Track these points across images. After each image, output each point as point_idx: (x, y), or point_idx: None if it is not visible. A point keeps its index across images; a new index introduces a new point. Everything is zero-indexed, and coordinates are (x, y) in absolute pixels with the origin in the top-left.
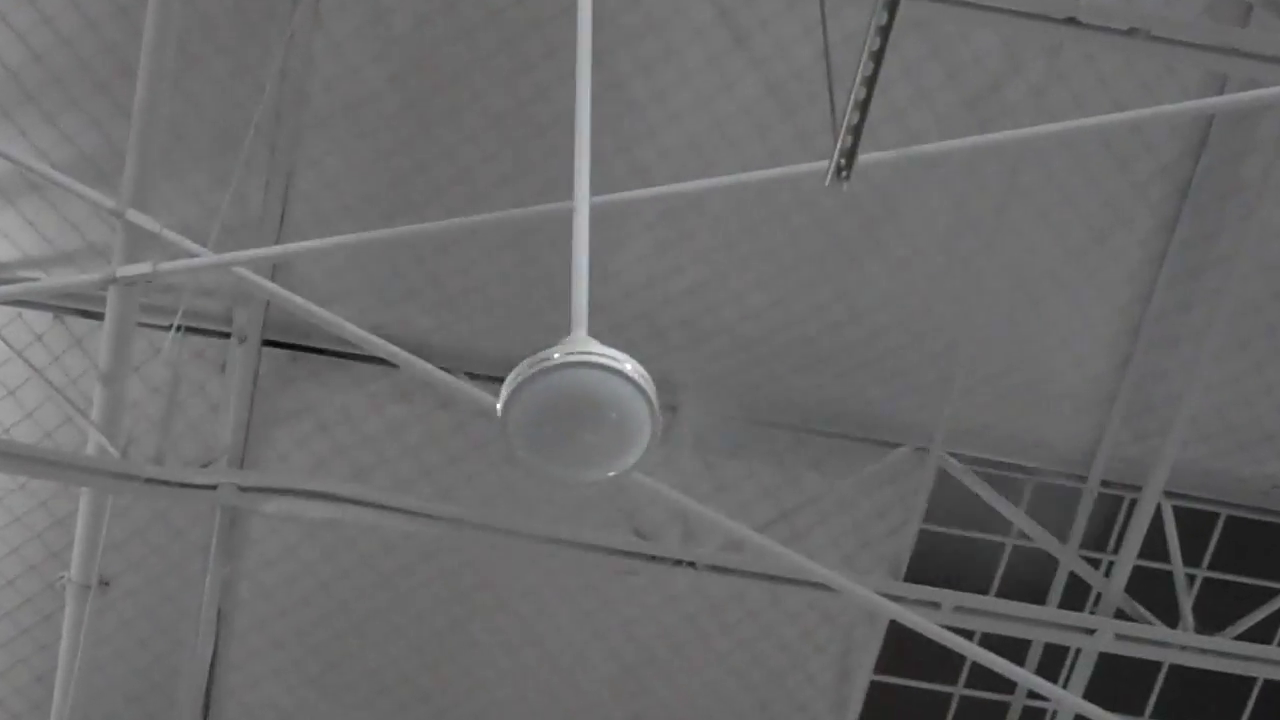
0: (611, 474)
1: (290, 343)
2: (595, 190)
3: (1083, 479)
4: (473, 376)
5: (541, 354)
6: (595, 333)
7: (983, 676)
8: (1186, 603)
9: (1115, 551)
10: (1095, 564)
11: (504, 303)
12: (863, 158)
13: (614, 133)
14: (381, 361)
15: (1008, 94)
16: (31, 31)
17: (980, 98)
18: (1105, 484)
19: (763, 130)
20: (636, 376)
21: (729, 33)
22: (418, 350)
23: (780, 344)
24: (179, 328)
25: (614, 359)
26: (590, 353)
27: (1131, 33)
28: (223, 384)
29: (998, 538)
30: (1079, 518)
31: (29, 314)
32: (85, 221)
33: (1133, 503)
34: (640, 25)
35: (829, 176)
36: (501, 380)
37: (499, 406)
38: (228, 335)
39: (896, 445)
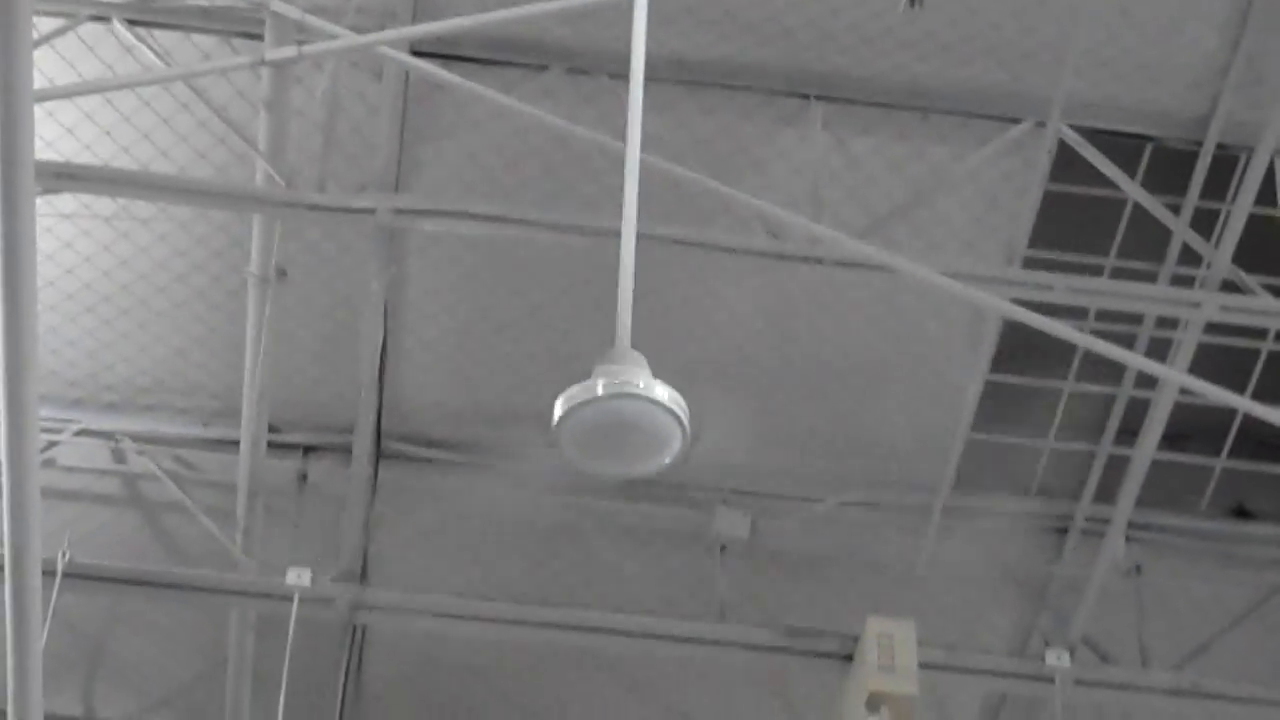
0: (646, 471)
1: (440, 53)
2: None
3: (1198, 144)
4: (612, 77)
5: (587, 385)
6: (720, 33)
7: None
8: None
9: (1230, 207)
10: (1208, 236)
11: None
12: None
13: None
14: (529, 66)
15: None
16: None
17: None
18: (1221, 146)
19: None
20: (670, 404)
21: None
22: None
23: (902, 38)
24: None
25: (647, 389)
26: (627, 382)
27: None
28: (378, 92)
29: (1115, 193)
30: (1193, 184)
31: (196, 37)
32: None
33: (1245, 167)
34: None
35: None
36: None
37: (553, 422)
38: None
39: (1017, 120)
